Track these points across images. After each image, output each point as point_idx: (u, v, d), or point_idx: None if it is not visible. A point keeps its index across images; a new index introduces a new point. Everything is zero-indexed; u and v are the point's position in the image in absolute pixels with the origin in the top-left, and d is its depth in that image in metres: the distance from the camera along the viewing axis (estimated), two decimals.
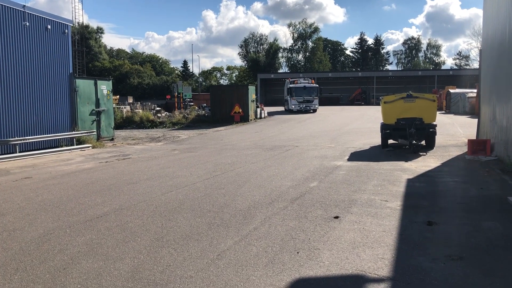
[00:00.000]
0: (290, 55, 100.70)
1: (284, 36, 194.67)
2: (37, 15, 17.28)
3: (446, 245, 5.72)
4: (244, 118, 32.41)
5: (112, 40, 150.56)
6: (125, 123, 30.64)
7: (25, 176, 11.77)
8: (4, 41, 15.67)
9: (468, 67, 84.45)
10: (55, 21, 18.24)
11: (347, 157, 13.94)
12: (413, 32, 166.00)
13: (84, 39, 70.57)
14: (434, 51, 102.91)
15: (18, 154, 15.26)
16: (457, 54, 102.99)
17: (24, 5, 16.63)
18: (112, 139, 21.34)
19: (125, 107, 38.94)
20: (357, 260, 5.24)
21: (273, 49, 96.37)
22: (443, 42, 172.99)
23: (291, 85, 43.65)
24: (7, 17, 15.78)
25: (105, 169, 12.78)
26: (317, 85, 44.98)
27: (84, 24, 73.90)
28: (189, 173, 11.50)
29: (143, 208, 7.90)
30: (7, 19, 15.80)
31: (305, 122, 31.28)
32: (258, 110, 36.50)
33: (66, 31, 18.80)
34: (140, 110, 35.78)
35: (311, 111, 42.89)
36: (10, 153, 15.30)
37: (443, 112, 39.24)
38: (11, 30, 15.96)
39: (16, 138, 15.64)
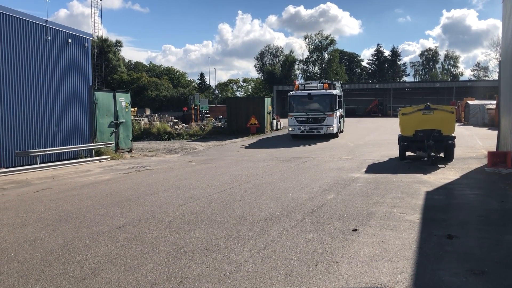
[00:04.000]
0: (306, 67, 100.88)
1: (299, 48, 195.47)
2: (59, 30, 17.71)
3: (467, 259, 5.62)
4: (260, 130, 32.47)
5: (130, 53, 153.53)
6: (143, 135, 31.02)
7: (46, 187, 11.96)
8: (27, 55, 16.08)
9: (486, 78, 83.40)
10: (76, 35, 18.65)
11: (365, 169, 13.84)
12: (430, 44, 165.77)
13: (103, 52, 71.88)
14: (452, 63, 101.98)
15: (38, 165, 15.54)
16: (476, 65, 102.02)
17: (47, 20, 17.06)
18: (130, 151, 21.58)
19: (143, 119, 39.42)
20: (376, 274, 5.18)
21: (289, 61, 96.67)
22: (461, 53, 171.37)
23: (289, 94, 27.73)
24: (30, 31, 16.22)
25: (123, 180, 12.91)
26: (333, 92, 26.90)
27: (103, 37, 75.36)
28: (206, 185, 11.55)
29: (161, 219, 7.95)
30: (30, 34, 16.24)
31: None
32: (274, 121, 36.55)
33: (86, 44, 19.19)
34: (158, 122, 36.15)
35: (333, 135, 26.28)
36: (31, 164, 15.60)
37: (462, 124, 38.74)
38: (34, 44, 16.39)
39: (37, 150, 15.93)
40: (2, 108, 15.16)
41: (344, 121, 31.85)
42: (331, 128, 25.71)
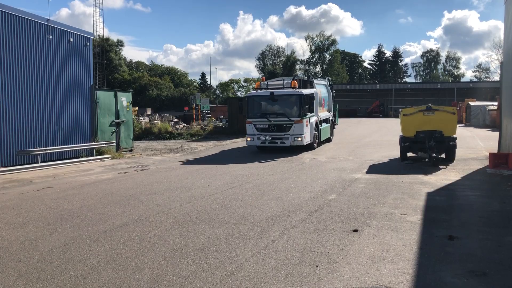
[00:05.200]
0: (307, 67, 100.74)
1: (301, 48, 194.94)
2: (60, 29, 17.72)
3: (468, 260, 5.61)
4: None
5: (132, 52, 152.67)
6: (144, 134, 30.98)
7: (47, 186, 11.97)
8: (28, 53, 16.09)
9: (488, 79, 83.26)
10: (77, 34, 18.66)
11: (366, 170, 13.83)
12: (431, 45, 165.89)
13: (105, 51, 71.88)
14: (453, 64, 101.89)
15: (40, 164, 15.55)
16: (477, 66, 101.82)
17: (48, 19, 17.09)
18: (131, 150, 21.57)
19: (144, 119, 39.43)
20: (377, 274, 5.17)
21: (290, 61, 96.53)
22: (462, 54, 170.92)
23: (248, 93, 22.75)
24: (32, 30, 16.23)
25: (124, 179, 12.91)
26: (303, 92, 19.74)
27: (105, 37, 75.40)
28: (207, 184, 11.54)
29: (161, 219, 7.95)
30: (32, 32, 16.25)
31: None
32: None
33: (88, 43, 19.20)
34: (159, 122, 36.14)
35: (305, 147, 19.95)
36: (32, 163, 15.60)
37: (463, 125, 38.71)
38: (35, 42, 16.41)
39: (38, 149, 15.94)
40: (3, 106, 15.16)
41: (335, 127, 26.99)
42: (299, 139, 19.20)
